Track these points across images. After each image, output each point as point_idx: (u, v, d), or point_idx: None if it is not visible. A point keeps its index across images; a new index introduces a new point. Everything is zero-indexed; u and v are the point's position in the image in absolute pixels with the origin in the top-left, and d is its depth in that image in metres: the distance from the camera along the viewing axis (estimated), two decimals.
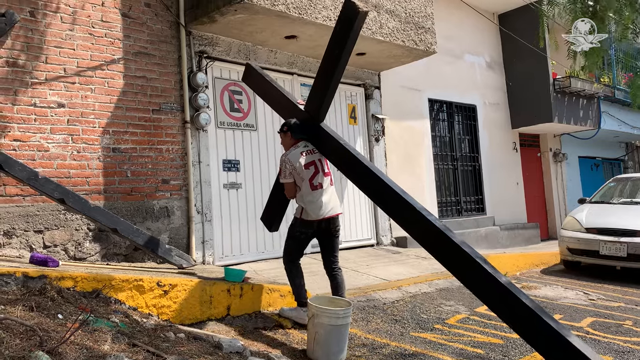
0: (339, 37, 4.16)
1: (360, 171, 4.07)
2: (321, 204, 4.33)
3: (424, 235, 3.71)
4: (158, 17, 6.01)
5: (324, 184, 4.39)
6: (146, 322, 3.44)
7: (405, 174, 8.96)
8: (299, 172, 4.31)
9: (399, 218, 3.88)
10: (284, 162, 4.35)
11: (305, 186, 4.33)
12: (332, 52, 4.23)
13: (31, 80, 5.06)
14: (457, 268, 3.57)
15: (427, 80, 9.62)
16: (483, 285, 3.44)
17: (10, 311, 2.52)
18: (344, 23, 4.11)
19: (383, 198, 3.96)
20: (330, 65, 4.25)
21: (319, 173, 4.38)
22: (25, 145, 4.97)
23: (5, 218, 4.80)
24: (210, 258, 6.29)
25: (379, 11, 6.96)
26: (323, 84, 4.36)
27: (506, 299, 3.24)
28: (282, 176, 4.40)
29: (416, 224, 3.74)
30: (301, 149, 4.39)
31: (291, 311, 4.48)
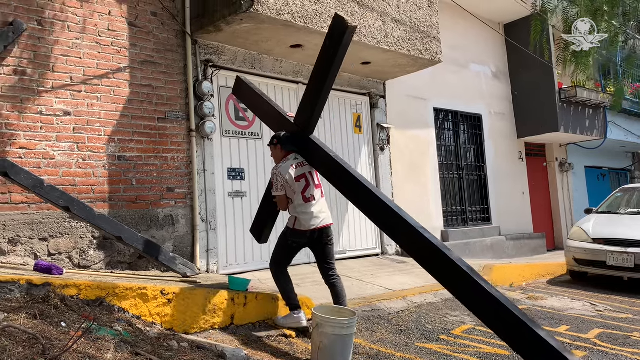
0: (328, 52, 4.24)
1: (350, 183, 4.10)
2: (313, 215, 4.39)
3: (416, 247, 3.73)
4: (164, 26, 6.04)
5: (315, 196, 4.46)
6: (150, 330, 3.43)
7: (410, 183, 8.93)
8: (291, 185, 4.36)
9: (388, 229, 3.94)
10: (276, 175, 4.40)
11: (299, 199, 4.39)
12: (321, 66, 4.31)
13: (38, 89, 5.09)
14: (446, 278, 3.61)
15: (433, 90, 9.62)
16: (472, 295, 3.41)
17: (14, 319, 2.51)
18: (333, 38, 4.19)
19: (372, 209, 3.98)
20: (320, 79, 4.33)
21: (310, 185, 4.45)
22: (31, 153, 4.99)
23: (11, 225, 4.81)
24: (215, 267, 6.27)
25: (385, 20, 6.98)
26: (312, 97, 4.42)
27: (498, 312, 3.22)
28: (275, 189, 4.43)
29: (407, 236, 3.77)
30: (292, 162, 4.44)
31: (285, 319, 4.49)
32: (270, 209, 4.76)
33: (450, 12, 9.49)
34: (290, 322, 4.42)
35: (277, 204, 4.52)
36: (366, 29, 6.73)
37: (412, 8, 7.42)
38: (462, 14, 9.46)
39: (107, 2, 5.64)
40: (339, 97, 8.11)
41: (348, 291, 5.83)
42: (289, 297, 4.45)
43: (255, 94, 5.03)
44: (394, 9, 7.15)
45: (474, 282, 3.33)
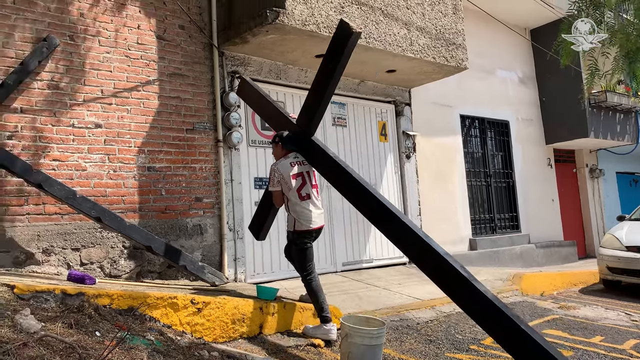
0: (332, 56, 4.33)
1: (349, 183, 4.19)
2: (310, 214, 4.51)
3: (419, 254, 3.71)
4: (192, 39, 6.14)
5: (311, 195, 4.58)
6: (180, 340, 3.46)
7: (437, 191, 8.86)
8: (287, 181, 4.47)
9: (385, 229, 3.96)
10: (274, 171, 4.53)
11: (294, 196, 4.49)
12: (325, 70, 4.42)
13: (70, 102, 5.22)
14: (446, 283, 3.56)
15: (459, 96, 9.55)
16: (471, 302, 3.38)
17: (51, 328, 2.56)
18: (337, 42, 4.28)
19: (370, 209, 4.05)
20: (323, 83, 4.44)
21: (306, 184, 4.57)
22: (64, 165, 5.11)
23: (45, 236, 4.93)
24: (242, 275, 6.30)
25: (409, 29, 6.97)
26: (315, 99, 4.54)
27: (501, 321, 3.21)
28: (271, 184, 4.56)
29: (409, 243, 3.76)
30: (291, 160, 4.58)
31: (314, 329, 4.49)
32: (269, 206, 4.90)
33: (476, 19, 9.43)
34: (320, 333, 4.42)
35: (273, 199, 4.67)
36: (391, 37, 6.73)
37: (437, 16, 7.40)
38: (488, 20, 9.39)
39: (136, 16, 5.76)
40: (364, 106, 8.12)
41: (375, 300, 5.81)
42: (321, 309, 4.46)
43: (259, 95, 5.14)
44: (418, 17, 7.14)
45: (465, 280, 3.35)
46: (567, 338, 5.07)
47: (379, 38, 6.60)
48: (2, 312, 2.54)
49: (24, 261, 4.79)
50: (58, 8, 5.23)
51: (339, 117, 7.73)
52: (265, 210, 5.00)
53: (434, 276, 3.59)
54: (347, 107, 7.88)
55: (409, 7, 7.03)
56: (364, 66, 7.24)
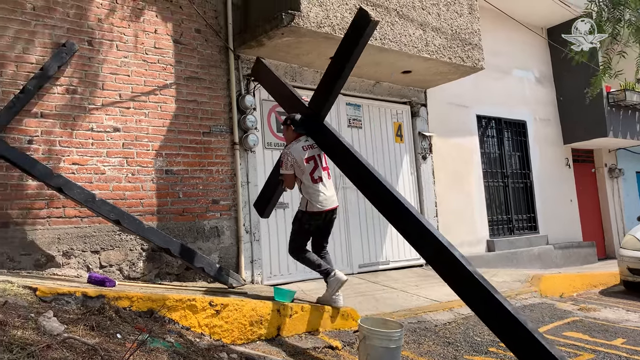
0: (350, 42, 4.39)
1: (357, 167, 4.24)
2: (325, 196, 4.63)
3: (424, 244, 3.82)
4: (208, 43, 6.18)
5: (323, 178, 4.68)
6: (199, 342, 3.48)
7: (454, 192, 8.81)
8: (300, 165, 4.57)
9: (392, 218, 4.01)
10: (286, 154, 4.62)
11: (307, 179, 4.60)
12: (341, 55, 4.47)
13: (89, 106, 5.28)
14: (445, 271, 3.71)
15: (475, 97, 9.48)
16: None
17: (73, 330, 2.60)
18: (355, 30, 4.34)
19: (376, 195, 4.11)
20: (339, 68, 4.49)
21: (318, 167, 4.67)
22: (83, 169, 5.18)
23: (65, 239, 4.99)
24: (259, 277, 6.32)
25: (425, 29, 6.94)
26: (329, 85, 4.59)
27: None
28: (284, 167, 4.64)
29: (408, 224, 3.87)
30: (302, 143, 4.66)
31: (328, 290, 4.71)
32: (275, 186, 4.99)
33: (491, 18, 9.36)
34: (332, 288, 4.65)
35: (284, 182, 4.75)
36: (406, 38, 6.71)
37: (452, 16, 7.36)
38: (504, 19, 9.31)
39: (153, 20, 5.82)
40: (379, 107, 8.10)
41: (392, 302, 5.79)
42: (321, 268, 4.71)
43: (273, 77, 5.19)
44: (434, 18, 7.11)
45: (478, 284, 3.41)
46: (588, 340, 5.00)
47: (395, 39, 6.58)
48: (26, 315, 2.58)
49: (44, 264, 4.86)
50: (77, 14, 5.31)
51: (354, 119, 7.72)
52: (271, 189, 5.09)
53: (445, 275, 3.64)
54: (363, 109, 7.87)
55: (424, 8, 7.01)
56: (379, 67, 7.23)
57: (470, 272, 3.47)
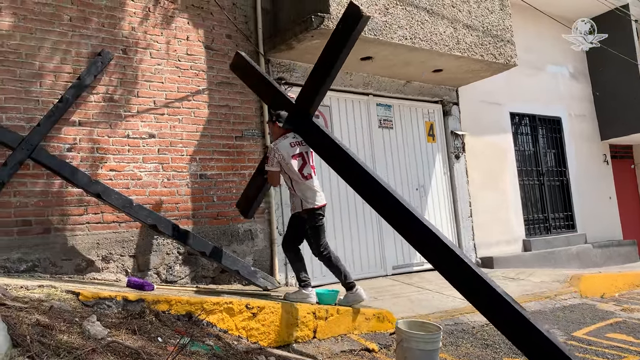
0: (340, 37, 4.29)
1: (348, 163, 4.16)
2: (316, 192, 4.61)
3: (428, 248, 3.75)
4: (239, 48, 6.23)
5: (312, 175, 4.65)
6: (237, 344, 3.51)
7: (488, 191, 8.67)
8: (287, 162, 4.51)
9: (385, 213, 4.01)
10: (273, 150, 4.54)
11: (297, 176, 4.55)
12: (331, 51, 4.38)
13: (124, 114, 5.39)
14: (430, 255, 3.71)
15: (508, 94, 9.32)
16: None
17: (115, 334, 2.65)
18: (347, 24, 4.23)
19: (369, 192, 4.07)
20: (329, 64, 4.39)
21: (307, 164, 4.63)
22: (120, 175, 5.28)
23: (104, 244, 5.10)
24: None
25: (456, 27, 6.86)
26: (318, 81, 4.50)
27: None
28: (270, 164, 4.56)
29: (399, 216, 3.85)
30: (290, 140, 4.59)
31: (295, 294, 4.63)
32: (259, 184, 4.93)
33: (523, 14, 9.19)
34: (301, 298, 4.58)
35: (270, 178, 4.68)
36: (437, 37, 6.64)
37: (483, 13, 7.26)
38: (536, 14, 9.12)
39: (185, 28, 5.91)
40: (410, 106, 8.04)
41: (428, 304, 5.73)
42: (346, 277, 4.70)
43: (255, 72, 5.01)
44: (464, 15, 7.02)
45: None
46: (632, 342, 4.84)
47: (425, 38, 6.52)
48: (70, 319, 2.64)
49: (85, 268, 4.98)
50: (111, 23, 5.42)
51: (385, 119, 7.68)
52: (256, 188, 5.00)
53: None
54: (394, 109, 7.82)
55: (455, 6, 6.93)
56: (409, 67, 7.17)
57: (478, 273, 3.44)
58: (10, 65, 4.85)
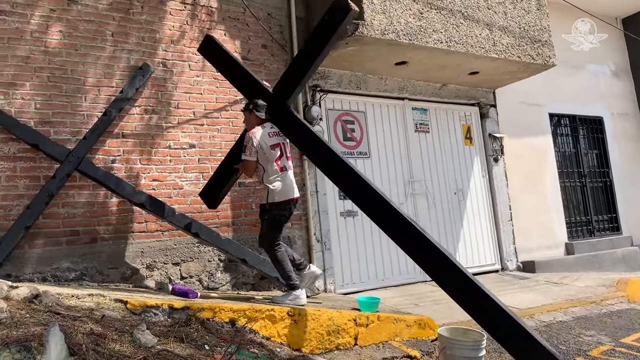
0: (326, 30, 4.20)
1: (326, 155, 4.07)
2: (289, 185, 4.53)
3: (412, 245, 3.86)
4: (274, 57, 6.32)
5: (287, 167, 4.58)
6: (280, 351, 3.55)
7: (528, 194, 8.51)
8: (265, 152, 4.42)
9: (363, 205, 3.91)
10: (251, 139, 4.41)
11: (272, 167, 4.47)
12: (315, 41, 4.29)
13: (165, 125, 5.52)
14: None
15: (547, 94, 9.13)
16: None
17: (164, 342, 2.72)
18: (332, 18, 4.15)
19: (348, 184, 3.97)
20: (312, 55, 4.31)
21: (284, 155, 4.53)
22: (162, 185, 5.41)
23: (148, 252, 5.23)
24: (332, 286, 6.36)
25: (492, 29, 6.78)
26: (299, 70, 4.38)
27: None
28: (247, 153, 4.42)
29: (376, 206, 3.80)
30: (268, 130, 4.50)
31: (284, 297, 4.54)
32: (229, 173, 4.76)
33: (560, 12, 8.99)
34: (291, 300, 4.47)
35: (244, 168, 4.54)
36: (473, 39, 6.58)
37: (520, 13, 7.15)
38: (574, 12, 8.92)
39: (222, 39, 6.00)
40: (447, 110, 7.97)
41: None
42: (290, 277, 4.53)
43: (229, 57, 4.78)
44: (500, 17, 6.93)
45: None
46: None
47: (460, 41, 6.47)
48: (121, 328, 2.73)
49: (130, 276, 5.11)
50: (151, 37, 5.57)
51: (421, 123, 7.64)
52: (224, 177, 4.82)
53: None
54: (430, 112, 7.77)
55: (490, 7, 6.85)
56: (445, 70, 7.12)
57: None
58: (56, 81, 5.04)
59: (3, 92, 4.78)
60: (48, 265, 4.76)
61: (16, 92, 4.84)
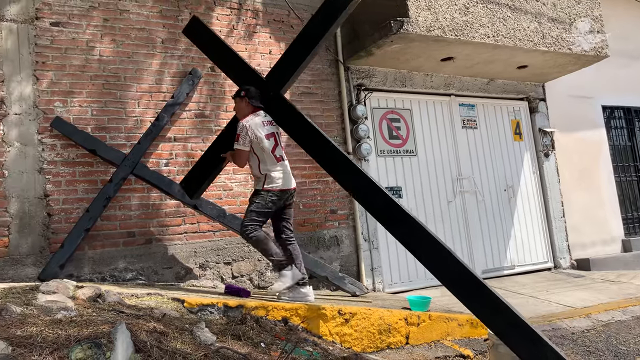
0: (326, 16, 4.07)
1: (322, 146, 3.97)
2: (286, 175, 4.41)
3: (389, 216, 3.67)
4: (319, 57, 6.35)
5: (283, 157, 4.47)
6: (332, 350, 3.58)
7: (580, 190, 8.25)
8: (260, 142, 4.26)
9: (359, 196, 3.84)
10: (245, 128, 4.22)
11: (269, 157, 4.33)
12: (315, 28, 4.13)
13: (215, 128, 5.65)
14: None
15: (599, 87, 8.81)
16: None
17: (222, 340, 2.80)
18: (333, 4, 4.03)
19: (343, 174, 3.89)
20: (310, 42, 4.14)
21: (278, 145, 4.40)
22: (213, 186, 5.51)
23: (200, 252, 5.37)
24: (380, 285, 6.35)
25: (540, 21, 6.61)
26: (296, 57, 4.21)
27: None
28: (241, 143, 4.24)
29: (370, 195, 3.70)
30: (262, 118, 4.33)
31: (287, 292, 4.37)
32: (215, 162, 4.53)
33: (614, 0, 8.67)
34: (295, 296, 4.31)
35: (236, 157, 4.35)
36: (520, 33, 6.44)
37: (569, 4, 6.94)
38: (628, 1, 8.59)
39: (267, 42, 6.11)
40: (494, 105, 7.83)
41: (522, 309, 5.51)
42: (280, 262, 4.33)
43: (216, 39, 4.57)
44: (549, 8, 6.75)
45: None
46: None
47: (508, 35, 6.34)
48: (181, 326, 2.82)
49: (184, 276, 5.26)
50: None
51: (468, 119, 7.53)
52: (209, 167, 4.58)
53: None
54: (477, 108, 7.65)
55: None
56: (492, 65, 7.00)
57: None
58: (111, 88, 5.24)
59: (62, 100, 5.00)
60: (106, 266, 4.95)
61: (74, 99, 5.05)
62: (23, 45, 4.91)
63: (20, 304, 2.68)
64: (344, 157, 3.91)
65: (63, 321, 2.46)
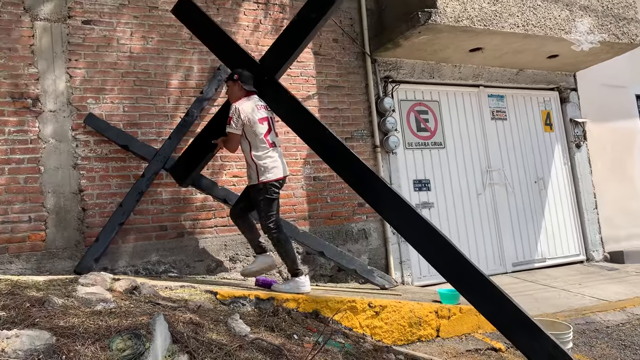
0: (320, 4, 4.01)
1: (315, 131, 3.93)
2: (280, 162, 4.28)
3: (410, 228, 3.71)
4: (345, 51, 6.35)
5: (277, 143, 4.34)
6: (363, 342, 3.59)
7: (613, 181, 8.08)
8: (252, 126, 4.12)
9: (355, 183, 3.85)
10: (237, 111, 4.10)
11: (262, 142, 4.18)
12: (311, 12, 4.06)
13: None
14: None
15: (633, 75, 8.59)
16: None
17: (256, 331, 2.84)
18: None
19: (338, 160, 3.88)
20: (307, 25, 4.07)
21: (272, 130, 4.28)
22: (241, 180, 5.59)
23: (230, 245, 5.44)
24: (409, 278, 6.34)
25: (572, 9, 6.47)
26: (292, 40, 4.13)
27: None
28: (233, 126, 4.11)
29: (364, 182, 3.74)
30: (256, 102, 4.21)
31: (286, 285, 4.27)
32: (207, 148, 4.44)
33: None
34: (293, 287, 4.20)
35: (228, 142, 4.23)
36: (551, 22, 6.31)
37: None
38: None
39: None
40: (524, 95, 7.71)
41: (554, 302, 5.47)
42: (294, 262, 4.29)
43: (207, 20, 4.44)
44: None
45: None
46: None
47: (538, 24, 6.22)
48: (216, 317, 2.87)
49: (214, 269, 5.33)
50: None
51: (497, 110, 7.43)
52: (200, 153, 4.51)
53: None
54: (506, 99, 7.54)
55: None
56: (522, 54, 6.88)
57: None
58: (142, 84, 5.32)
59: (94, 97, 5.11)
60: (140, 259, 5.06)
61: (106, 96, 5.15)
62: (56, 44, 5.02)
63: (61, 295, 2.76)
64: (339, 143, 3.91)
65: (103, 312, 2.53)
